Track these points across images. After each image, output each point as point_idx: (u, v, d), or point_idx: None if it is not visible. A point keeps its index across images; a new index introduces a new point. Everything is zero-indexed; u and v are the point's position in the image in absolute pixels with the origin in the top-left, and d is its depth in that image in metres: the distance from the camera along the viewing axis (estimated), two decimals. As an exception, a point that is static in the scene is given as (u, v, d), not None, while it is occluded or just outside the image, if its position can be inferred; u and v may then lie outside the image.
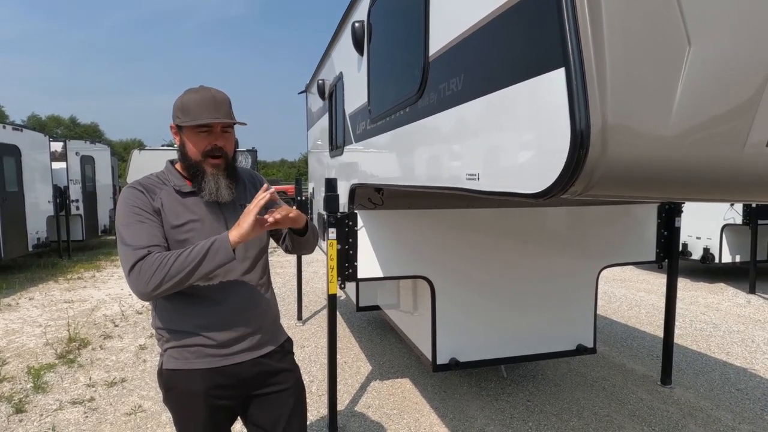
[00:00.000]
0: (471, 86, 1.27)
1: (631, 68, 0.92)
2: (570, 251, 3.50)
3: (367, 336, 5.09)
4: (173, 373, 1.54)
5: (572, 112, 0.92)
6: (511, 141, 1.11)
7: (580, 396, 3.65)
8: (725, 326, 5.30)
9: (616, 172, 0.94)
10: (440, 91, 1.51)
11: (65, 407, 3.53)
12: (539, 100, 1.01)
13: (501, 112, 1.13)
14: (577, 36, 0.92)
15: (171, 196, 1.53)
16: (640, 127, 0.92)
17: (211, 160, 1.52)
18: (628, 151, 0.93)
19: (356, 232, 3.06)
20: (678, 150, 0.93)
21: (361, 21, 2.54)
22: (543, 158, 1.00)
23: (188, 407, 1.55)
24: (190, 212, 1.52)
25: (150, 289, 1.39)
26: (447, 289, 3.27)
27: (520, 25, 1.06)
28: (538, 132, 1.02)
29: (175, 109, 1.54)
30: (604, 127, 0.91)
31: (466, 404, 3.54)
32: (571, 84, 0.92)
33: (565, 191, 0.97)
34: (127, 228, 1.45)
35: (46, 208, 9.34)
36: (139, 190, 1.51)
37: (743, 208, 6.49)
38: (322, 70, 4.24)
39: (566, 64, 0.93)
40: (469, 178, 1.32)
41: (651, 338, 4.97)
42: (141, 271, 1.39)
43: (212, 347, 1.53)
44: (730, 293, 6.78)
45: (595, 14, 0.92)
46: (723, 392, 3.69)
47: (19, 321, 5.74)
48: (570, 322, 3.55)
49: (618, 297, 6.65)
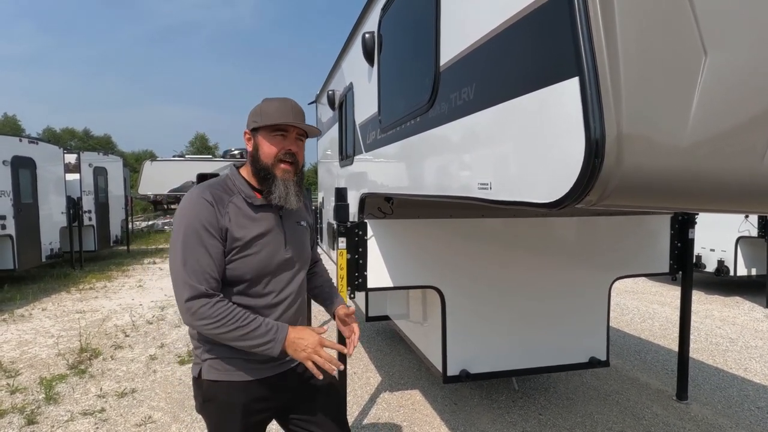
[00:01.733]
0: (483, 96, 1.27)
1: (646, 77, 0.92)
2: (582, 262, 3.46)
3: (376, 346, 5.06)
4: (214, 384, 1.54)
5: (587, 122, 0.91)
6: (524, 150, 1.11)
7: (594, 410, 3.58)
8: (742, 341, 5.19)
9: (631, 182, 0.93)
10: (451, 101, 1.52)
11: (76, 418, 3.54)
12: (553, 109, 1.00)
13: (513, 121, 1.13)
14: (591, 45, 0.92)
15: (240, 207, 1.52)
16: (655, 136, 0.92)
17: (282, 165, 1.53)
18: (643, 161, 0.92)
19: (366, 241, 3.06)
20: (694, 160, 0.92)
21: (372, 32, 2.57)
22: (557, 168, 0.99)
23: (227, 418, 1.56)
24: (257, 226, 1.53)
25: (198, 328, 1.44)
26: (457, 300, 3.24)
27: (532, 34, 1.06)
28: (552, 141, 1.02)
29: (253, 115, 1.57)
30: (619, 136, 0.90)
31: (477, 417, 3.49)
32: (585, 93, 0.91)
33: (579, 201, 0.96)
34: (190, 251, 1.43)
35: (59, 219, 9.47)
36: (209, 202, 1.47)
37: (759, 220, 6.39)
38: (332, 81, 4.28)
39: (580, 74, 0.92)
40: (481, 188, 1.32)
41: (665, 352, 4.87)
42: (197, 312, 1.41)
43: (254, 360, 1.55)
44: (746, 307, 6.64)
45: (609, 23, 0.92)
46: (742, 410, 3.59)
47: (32, 332, 5.79)
48: (582, 334, 3.50)
49: (630, 309, 6.55)
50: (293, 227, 1.65)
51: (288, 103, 1.55)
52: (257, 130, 1.54)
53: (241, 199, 1.53)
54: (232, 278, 1.51)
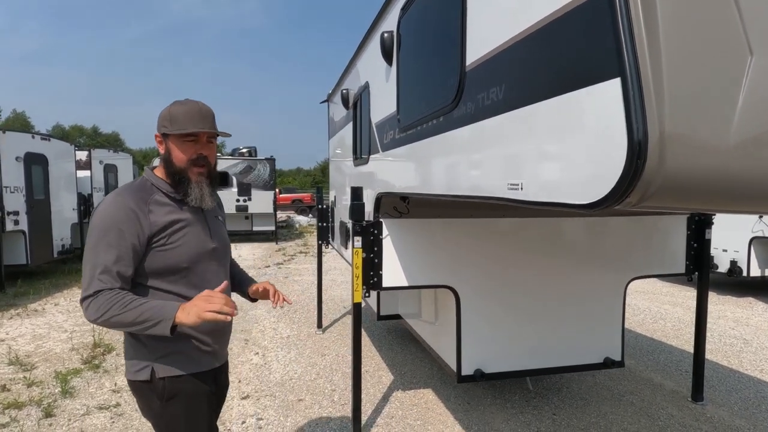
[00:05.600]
0: (515, 96, 1.27)
1: (690, 77, 0.91)
2: (598, 262, 3.44)
3: (387, 345, 5.07)
4: (177, 379, 1.58)
5: (629, 123, 0.90)
6: (561, 151, 1.10)
7: (608, 410, 3.56)
8: (757, 342, 5.14)
9: (673, 183, 0.92)
10: (478, 101, 1.51)
11: (92, 412, 3.57)
12: (593, 110, 1.00)
13: (549, 122, 1.12)
14: (633, 45, 0.91)
15: (162, 202, 1.59)
16: (699, 137, 0.91)
17: (195, 168, 1.60)
18: (686, 163, 0.91)
19: (381, 240, 3.06)
20: (738, 162, 0.91)
21: (391, 31, 2.56)
22: (596, 169, 0.98)
23: (196, 408, 1.62)
24: (182, 216, 1.60)
25: (94, 322, 1.48)
26: (472, 300, 3.24)
27: (571, 35, 1.05)
28: (591, 142, 1.01)
29: (162, 119, 1.61)
30: (661, 137, 0.90)
31: (491, 416, 3.49)
32: (627, 94, 0.91)
33: (620, 203, 0.96)
34: (96, 253, 1.48)
35: (70, 215, 9.56)
36: (128, 206, 1.51)
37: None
38: (345, 80, 4.28)
39: (622, 74, 0.92)
40: (511, 188, 1.31)
41: (678, 352, 4.84)
42: (88, 309, 1.46)
43: (202, 353, 1.65)
44: (760, 308, 6.58)
45: (651, 22, 0.91)
46: (760, 411, 3.56)
47: (45, 326, 5.85)
48: (597, 334, 3.49)
49: (642, 309, 6.51)
50: (214, 220, 1.74)
51: (196, 106, 1.59)
52: (168, 135, 1.59)
53: (163, 194, 1.60)
54: (168, 267, 1.55)
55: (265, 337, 5.39)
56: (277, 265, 10.61)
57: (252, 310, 6.62)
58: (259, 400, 3.80)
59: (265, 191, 14.01)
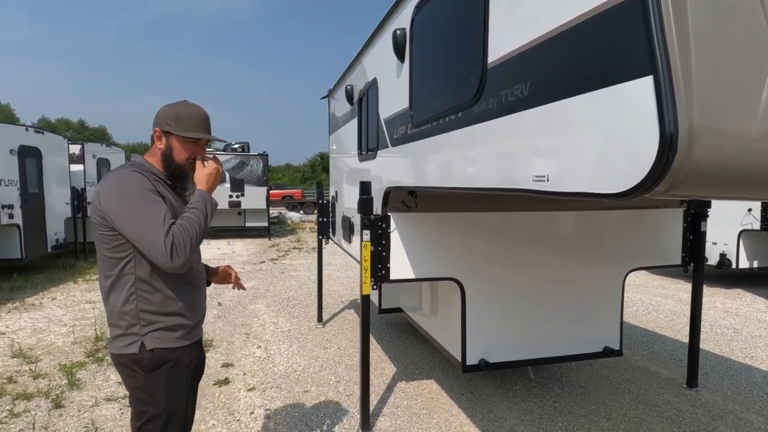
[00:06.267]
0: (544, 91, 1.33)
1: (717, 72, 0.98)
2: (598, 254, 3.54)
3: (387, 338, 5.14)
4: (164, 351, 1.69)
5: (661, 117, 0.97)
6: (592, 144, 1.17)
7: (607, 398, 3.68)
8: (747, 331, 5.32)
9: (700, 173, 0.99)
10: (501, 97, 1.58)
11: (101, 404, 3.60)
12: (624, 105, 1.06)
13: (581, 117, 1.19)
14: (664, 45, 0.97)
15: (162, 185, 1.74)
16: (724, 129, 0.98)
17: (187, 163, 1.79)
18: (713, 153, 0.98)
19: (389, 234, 3.12)
20: (761, 152, 0.99)
21: (403, 29, 2.61)
22: (628, 160, 1.05)
23: (177, 379, 1.74)
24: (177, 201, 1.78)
25: (187, 257, 1.59)
26: (477, 291, 3.32)
27: (605, 34, 1.12)
28: (623, 136, 1.08)
29: (166, 117, 1.74)
30: (690, 129, 0.97)
31: (494, 404, 3.59)
32: (659, 91, 0.97)
33: (649, 192, 1.03)
34: (146, 210, 1.58)
35: (64, 209, 9.47)
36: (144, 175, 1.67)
37: (762, 213, 6.50)
38: (350, 76, 4.32)
39: (654, 73, 0.98)
40: (537, 180, 1.38)
41: (672, 342, 4.99)
42: (174, 245, 1.56)
43: (190, 327, 1.77)
44: (748, 298, 6.78)
45: (681, 21, 0.97)
46: (751, 395, 3.71)
47: (45, 320, 5.83)
48: (597, 324, 3.59)
49: (635, 301, 6.67)
50: None
51: (201, 112, 1.79)
52: (171, 133, 1.74)
53: (160, 179, 1.75)
54: None
55: (266, 331, 5.43)
56: (272, 260, 10.62)
57: (251, 304, 6.65)
58: (266, 391, 3.85)
59: (258, 187, 13.97)
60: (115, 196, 1.60)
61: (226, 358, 4.54)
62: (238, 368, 4.32)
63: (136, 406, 1.74)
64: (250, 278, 8.51)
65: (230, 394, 3.79)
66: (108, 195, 1.61)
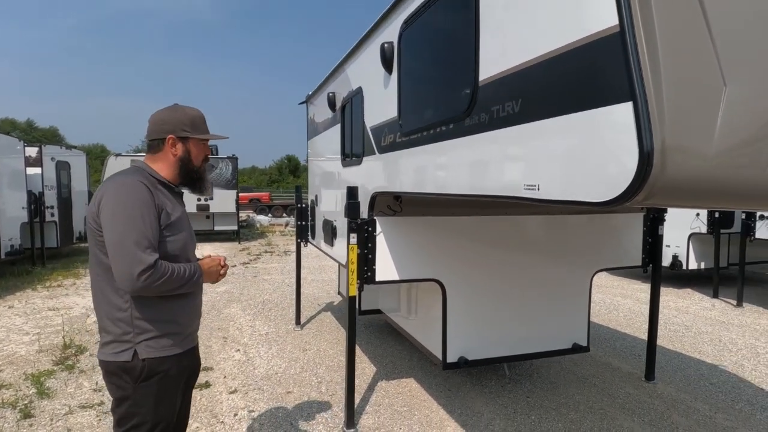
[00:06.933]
0: (535, 110, 1.50)
1: (683, 101, 1.17)
2: (568, 257, 3.79)
3: (365, 339, 5.25)
4: (156, 360, 1.69)
5: (640, 137, 1.15)
6: (579, 158, 1.34)
7: (575, 392, 3.93)
8: (695, 328, 5.75)
9: (672, 185, 1.18)
10: (493, 112, 1.74)
11: (75, 411, 3.53)
12: (608, 125, 1.24)
13: (569, 133, 1.36)
14: (641, 77, 1.16)
15: (166, 193, 1.77)
16: (690, 147, 1.17)
17: (204, 164, 1.89)
18: (681, 168, 1.17)
19: (375, 237, 3.25)
20: (718, 168, 1.19)
21: (391, 42, 2.76)
22: (612, 173, 1.23)
23: (168, 388, 1.74)
24: (179, 209, 1.80)
25: (146, 293, 1.63)
26: (457, 292, 3.49)
27: (589, 62, 1.30)
28: (607, 151, 1.26)
29: (180, 123, 1.78)
30: (663, 148, 1.15)
31: (471, 401, 3.76)
32: (638, 114, 1.16)
33: (630, 200, 1.21)
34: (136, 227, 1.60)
35: (19, 214, 9.05)
36: (145, 185, 1.67)
37: (708, 217, 7.04)
38: (331, 84, 4.42)
39: (633, 99, 1.17)
40: (528, 188, 1.55)
41: (631, 339, 5.34)
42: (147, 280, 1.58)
43: (184, 335, 1.80)
44: (697, 297, 7.31)
45: (654, 59, 1.16)
46: (699, 386, 4.05)
47: (2, 329, 5.58)
48: (567, 322, 3.84)
49: (597, 301, 7.06)
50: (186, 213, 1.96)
51: (200, 112, 1.87)
52: (188, 138, 1.79)
53: (163, 186, 1.78)
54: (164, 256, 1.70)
55: (243, 335, 5.43)
56: (243, 264, 10.51)
57: (226, 308, 6.60)
58: (248, 393, 3.88)
59: (228, 190, 13.77)
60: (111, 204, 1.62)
61: (205, 362, 4.52)
62: (218, 371, 4.32)
63: (120, 413, 1.71)
64: (222, 282, 8.41)
65: (212, 397, 3.80)
66: (105, 201, 1.64)
